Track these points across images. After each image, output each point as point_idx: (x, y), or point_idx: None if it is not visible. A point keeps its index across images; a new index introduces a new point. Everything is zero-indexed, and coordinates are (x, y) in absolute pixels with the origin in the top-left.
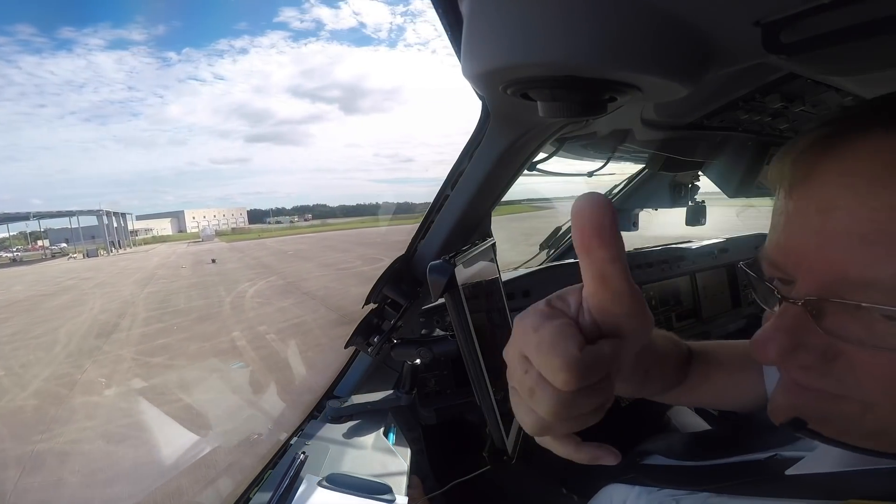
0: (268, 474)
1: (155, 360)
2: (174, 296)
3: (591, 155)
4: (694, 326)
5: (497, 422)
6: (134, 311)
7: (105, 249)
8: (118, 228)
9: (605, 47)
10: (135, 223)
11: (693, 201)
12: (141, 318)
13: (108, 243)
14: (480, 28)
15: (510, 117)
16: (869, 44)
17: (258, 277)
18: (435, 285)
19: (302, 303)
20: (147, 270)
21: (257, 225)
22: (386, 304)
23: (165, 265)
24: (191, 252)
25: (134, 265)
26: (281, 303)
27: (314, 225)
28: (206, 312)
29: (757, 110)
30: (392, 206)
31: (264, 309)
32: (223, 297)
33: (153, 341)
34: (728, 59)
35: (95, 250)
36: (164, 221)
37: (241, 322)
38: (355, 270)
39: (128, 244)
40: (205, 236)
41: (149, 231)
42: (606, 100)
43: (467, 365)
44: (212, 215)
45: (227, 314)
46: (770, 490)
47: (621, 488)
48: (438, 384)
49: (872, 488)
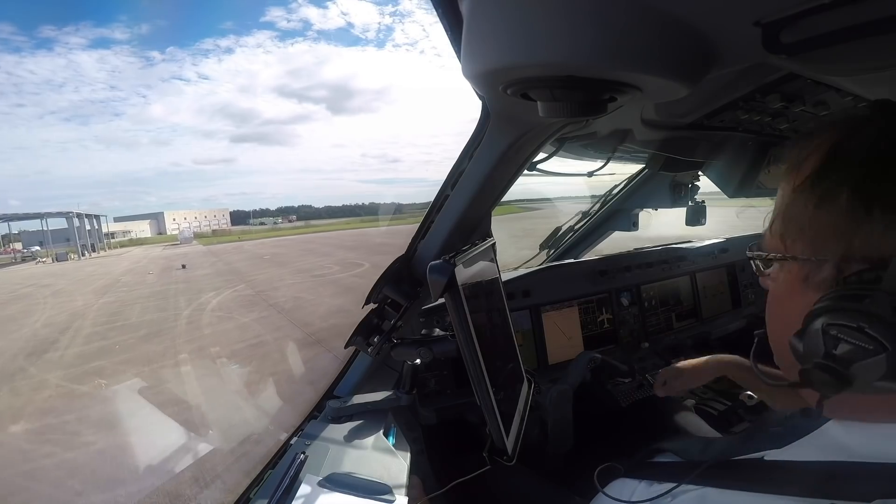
0: (268, 474)
1: (80, 389)
2: (130, 307)
3: (591, 155)
4: (694, 326)
5: (497, 422)
6: (80, 325)
7: (76, 253)
8: (92, 231)
9: (606, 48)
10: (109, 225)
11: (693, 201)
12: (84, 335)
13: (78, 246)
14: (481, 28)
15: (510, 117)
16: (869, 44)
17: (226, 286)
18: (435, 285)
19: (266, 318)
20: (112, 276)
21: (239, 227)
22: (386, 304)
23: (133, 270)
24: (164, 256)
25: (101, 270)
26: (243, 317)
27: (298, 227)
28: (157, 328)
29: (757, 110)
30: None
31: (223, 325)
32: (182, 309)
33: (87, 364)
34: (728, 60)
35: (66, 254)
36: (144, 223)
37: (192, 341)
38: (331, 278)
39: (102, 247)
40: (183, 239)
41: (127, 233)
42: (606, 100)
43: (467, 365)
44: (193, 217)
45: (180, 331)
46: (760, 478)
47: (629, 482)
48: (438, 384)
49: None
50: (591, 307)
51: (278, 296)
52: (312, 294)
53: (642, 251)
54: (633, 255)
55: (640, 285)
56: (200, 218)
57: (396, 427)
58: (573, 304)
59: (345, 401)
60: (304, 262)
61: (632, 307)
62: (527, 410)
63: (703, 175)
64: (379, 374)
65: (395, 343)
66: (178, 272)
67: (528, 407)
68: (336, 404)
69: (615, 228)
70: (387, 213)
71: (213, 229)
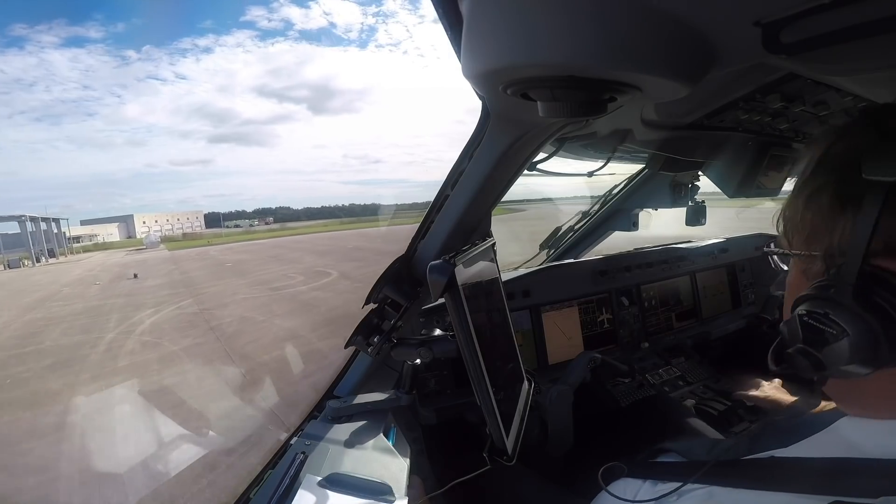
0: (268, 474)
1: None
2: (54, 326)
3: (591, 155)
4: (694, 326)
5: (497, 422)
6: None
7: (29, 259)
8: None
9: (606, 48)
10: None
11: (693, 201)
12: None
13: (32, 252)
14: (481, 28)
15: (510, 117)
16: (869, 44)
17: (170, 300)
18: (435, 285)
19: (199, 346)
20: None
21: (213, 229)
22: (386, 304)
23: (83, 280)
24: (122, 263)
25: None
26: (173, 344)
27: (273, 229)
28: (68, 356)
29: (757, 110)
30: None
31: (146, 354)
32: (108, 331)
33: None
34: (728, 60)
35: (18, 260)
36: (112, 226)
37: (99, 378)
38: (290, 291)
39: (63, 252)
40: (149, 243)
41: (93, 237)
42: (607, 100)
43: (467, 365)
44: (164, 219)
45: (92, 361)
46: (766, 475)
47: (632, 482)
48: (438, 384)
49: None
50: (591, 307)
51: (224, 315)
52: (264, 313)
53: (642, 251)
54: (633, 255)
55: (640, 285)
56: (173, 221)
57: (396, 427)
58: (573, 304)
59: (345, 401)
60: (267, 271)
61: (632, 307)
62: (527, 410)
63: (703, 175)
64: (379, 374)
65: (395, 343)
66: (128, 282)
67: (528, 407)
68: (336, 404)
69: (615, 228)
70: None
71: (184, 233)
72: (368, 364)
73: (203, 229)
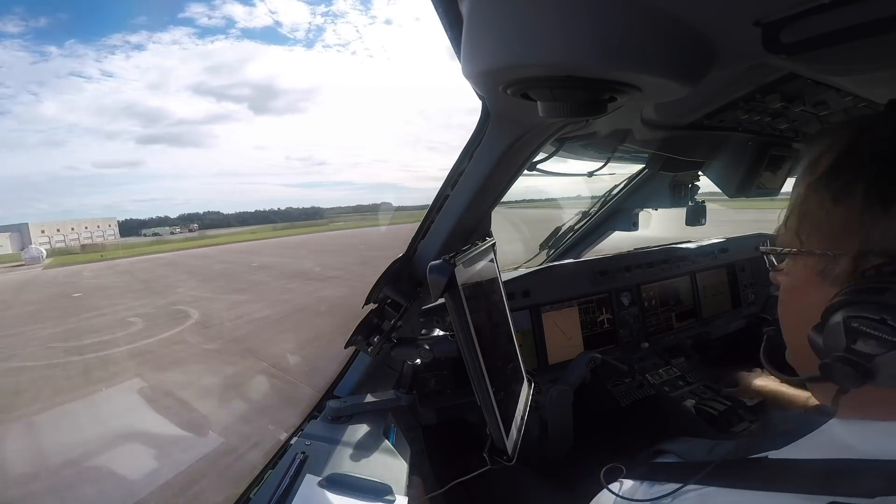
0: (268, 474)
1: None
2: None
3: (591, 155)
4: (694, 326)
5: (497, 422)
6: None
7: None
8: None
9: (606, 47)
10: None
11: (693, 201)
12: None
13: None
14: (480, 28)
15: (510, 117)
16: (869, 44)
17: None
18: (435, 285)
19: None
20: None
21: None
22: (386, 304)
23: None
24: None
25: None
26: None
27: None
28: None
29: (757, 110)
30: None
31: None
32: None
33: None
34: (728, 60)
35: None
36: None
37: None
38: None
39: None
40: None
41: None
42: (606, 100)
43: (467, 365)
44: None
45: None
46: (761, 476)
47: (630, 483)
48: (438, 384)
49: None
50: (591, 307)
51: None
52: None
53: (642, 251)
54: (633, 255)
55: (640, 285)
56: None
57: (396, 427)
58: (573, 304)
59: (345, 401)
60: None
61: (632, 307)
62: (527, 410)
63: (703, 175)
64: (379, 374)
65: (395, 343)
66: None
67: (528, 407)
68: (336, 404)
69: (615, 228)
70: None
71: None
72: (368, 364)
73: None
